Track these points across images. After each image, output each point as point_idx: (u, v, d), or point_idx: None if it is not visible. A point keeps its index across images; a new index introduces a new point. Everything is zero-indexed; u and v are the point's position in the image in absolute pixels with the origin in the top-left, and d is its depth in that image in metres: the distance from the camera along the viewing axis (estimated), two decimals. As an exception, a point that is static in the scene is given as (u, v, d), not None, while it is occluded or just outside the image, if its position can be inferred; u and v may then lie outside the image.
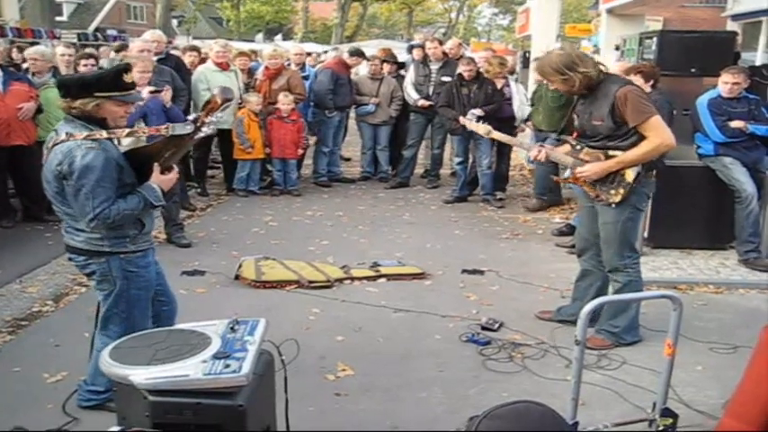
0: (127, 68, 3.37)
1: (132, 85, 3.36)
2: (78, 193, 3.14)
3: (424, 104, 9.01)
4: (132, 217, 3.28)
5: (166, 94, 6.30)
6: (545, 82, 6.15)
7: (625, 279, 4.43)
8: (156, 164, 3.32)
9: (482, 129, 5.19)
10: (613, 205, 4.32)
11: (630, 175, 4.23)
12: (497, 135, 5.21)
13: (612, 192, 4.30)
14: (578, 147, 4.44)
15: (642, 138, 4.15)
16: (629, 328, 4.55)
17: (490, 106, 8.19)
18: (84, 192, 3.12)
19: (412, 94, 9.18)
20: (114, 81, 3.24)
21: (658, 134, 4.11)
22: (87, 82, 3.26)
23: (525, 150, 4.82)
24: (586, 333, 3.05)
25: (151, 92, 6.03)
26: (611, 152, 4.26)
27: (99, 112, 3.20)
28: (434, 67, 9.12)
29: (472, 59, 8.63)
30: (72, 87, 3.25)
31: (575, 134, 4.54)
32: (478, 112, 7.93)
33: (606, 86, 4.18)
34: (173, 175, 3.42)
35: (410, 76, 9.33)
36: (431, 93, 9.02)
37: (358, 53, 9.91)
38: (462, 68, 8.29)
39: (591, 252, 4.66)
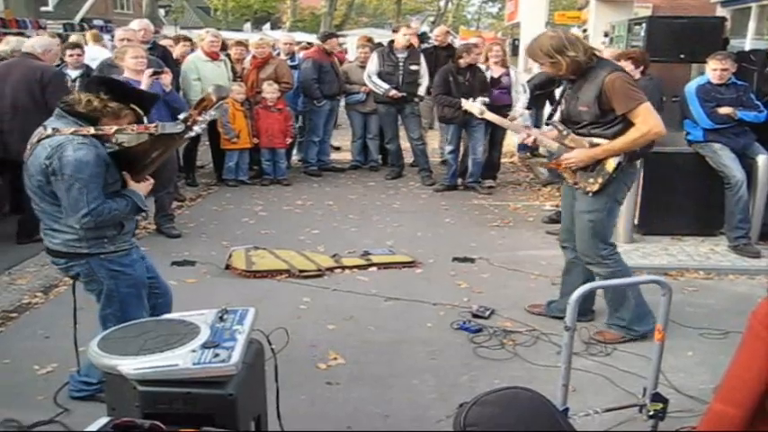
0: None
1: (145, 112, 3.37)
2: (71, 188, 3.08)
3: (396, 95, 8.83)
4: (119, 218, 3.25)
5: (166, 77, 6.26)
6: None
7: (607, 271, 4.32)
8: (127, 173, 3.29)
9: (476, 108, 5.14)
10: (590, 194, 4.22)
11: (611, 164, 4.11)
12: (491, 116, 5.14)
13: (591, 180, 4.19)
14: (564, 132, 4.32)
15: (628, 126, 4.02)
16: (637, 318, 4.39)
17: (486, 95, 8.06)
18: (77, 187, 3.07)
19: (380, 84, 8.91)
20: (150, 104, 3.29)
21: (647, 121, 3.98)
22: (132, 93, 3.30)
23: (516, 133, 4.73)
24: (576, 319, 3.05)
25: (152, 74, 5.99)
26: (595, 140, 4.13)
27: (110, 118, 3.19)
28: (401, 56, 8.92)
29: (473, 46, 8.51)
30: (119, 91, 3.25)
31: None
32: (486, 100, 7.90)
33: (595, 72, 4.06)
34: (147, 185, 3.39)
35: (374, 65, 9.00)
36: (401, 82, 8.85)
37: (329, 35, 9.93)
38: (465, 57, 8.15)
39: (574, 242, 4.52)
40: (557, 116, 4.45)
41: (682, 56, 6.98)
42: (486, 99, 7.85)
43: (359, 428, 3.48)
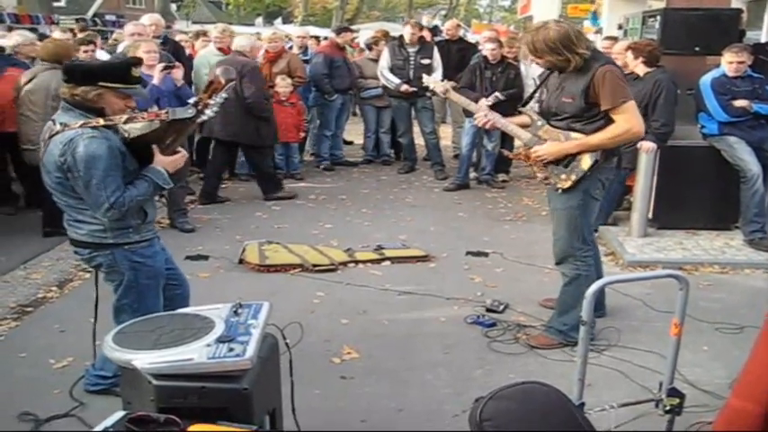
0: (137, 62, 3.34)
1: (138, 80, 3.32)
2: (89, 185, 3.08)
3: (407, 90, 8.79)
4: (144, 202, 3.26)
5: (177, 72, 6.27)
6: None
7: (573, 272, 4.19)
8: (155, 146, 3.28)
9: (440, 86, 4.89)
10: (560, 191, 4.07)
11: (587, 162, 3.91)
12: (455, 96, 4.84)
13: (563, 177, 4.00)
14: (539, 123, 4.11)
15: (609, 123, 3.86)
16: (576, 326, 4.34)
17: (510, 91, 7.96)
18: (95, 182, 3.07)
19: (392, 79, 8.88)
20: (122, 73, 3.20)
21: (629, 120, 3.82)
22: (94, 70, 3.23)
23: (476, 113, 4.47)
24: (592, 313, 3.04)
25: (163, 69, 6.00)
26: (572, 134, 3.95)
27: (99, 101, 3.16)
28: (411, 50, 8.87)
29: (498, 41, 8.42)
30: (77, 73, 3.20)
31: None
32: (501, 96, 7.80)
33: (587, 64, 3.83)
34: (177, 157, 3.37)
35: (385, 60, 8.99)
36: (412, 77, 8.76)
37: (344, 29, 9.95)
38: (487, 50, 8.10)
39: None
40: (531, 105, 4.25)
41: (697, 48, 6.90)
42: (501, 95, 7.81)
43: (373, 423, 3.48)
